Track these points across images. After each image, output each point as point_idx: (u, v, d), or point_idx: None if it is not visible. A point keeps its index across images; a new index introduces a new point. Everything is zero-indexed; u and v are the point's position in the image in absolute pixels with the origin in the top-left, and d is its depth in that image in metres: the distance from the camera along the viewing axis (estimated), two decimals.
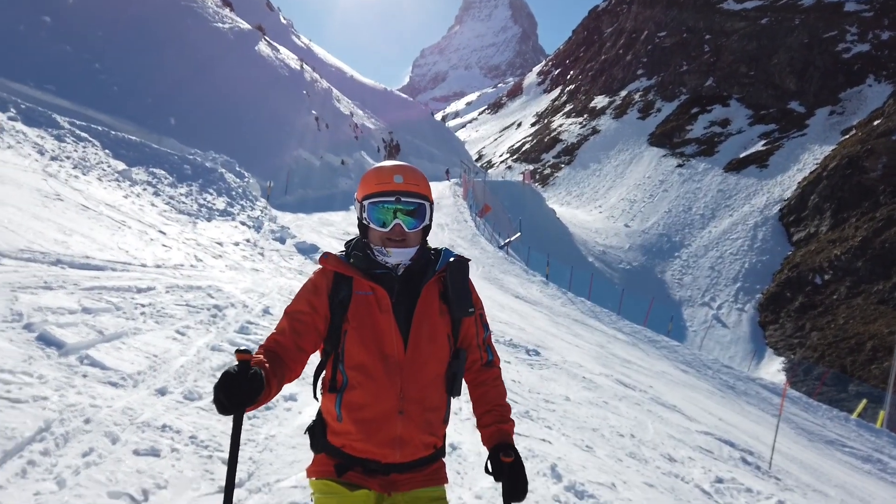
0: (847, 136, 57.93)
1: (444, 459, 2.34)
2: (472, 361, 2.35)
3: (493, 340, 2.45)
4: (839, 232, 46.34)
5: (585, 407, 9.49)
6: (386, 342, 2.11)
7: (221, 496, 3.32)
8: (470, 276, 2.32)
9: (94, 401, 3.93)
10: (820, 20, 72.81)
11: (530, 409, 8.12)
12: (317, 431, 2.21)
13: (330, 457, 2.17)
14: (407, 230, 2.20)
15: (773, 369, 37.48)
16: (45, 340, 4.71)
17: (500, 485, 2.25)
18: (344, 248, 2.36)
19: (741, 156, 65.28)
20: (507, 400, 2.42)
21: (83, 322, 5.38)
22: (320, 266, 2.26)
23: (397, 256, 2.21)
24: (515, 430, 7.33)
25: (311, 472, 2.21)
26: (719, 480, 7.77)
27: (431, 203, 2.29)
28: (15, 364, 4.04)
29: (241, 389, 1.76)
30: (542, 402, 8.87)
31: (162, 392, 4.58)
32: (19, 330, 4.73)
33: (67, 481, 2.99)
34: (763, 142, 66.31)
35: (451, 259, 2.29)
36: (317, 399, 2.25)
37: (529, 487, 5.55)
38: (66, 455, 3.22)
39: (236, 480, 3.56)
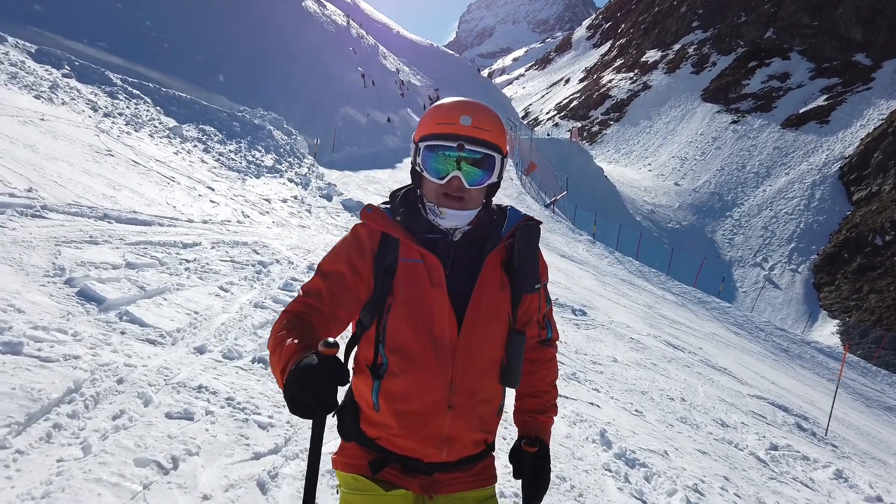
0: None
1: (493, 454, 2.01)
2: (529, 337, 2.00)
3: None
4: None
5: (633, 369, 9.35)
6: (436, 322, 1.75)
7: (256, 463, 3.18)
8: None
9: (129, 360, 3.82)
10: None
11: (577, 370, 7.97)
12: (347, 415, 1.86)
13: (363, 448, 1.85)
14: (467, 185, 1.78)
15: (826, 332, 36.53)
16: (86, 296, 4.64)
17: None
18: (388, 201, 1.97)
19: (800, 111, 62.42)
20: (555, 384, 2.10)
21: (126, 277, 5.32)
22: (362, 221, 1.86)
23: (452, 220, 1.81)
24: (562, 392, 7.10)
25: (338, 463, 1.89)
26: (774, 447, 7.60)
27: (504, 155, 1.85)
28: (51, 320, 3.96)
29: (331, 390, 1.40)
30: (589, 363, 8.73)
31: (201, 350, 4.47)
32: (60, 285, 4.68)
33: (93, 447, 2.84)
34: (825, 96, 63.16)
35: (520, 222, 1.90)
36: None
37: (578, 454, 5.38)
38: (95, 418, 3.09)
39: (272, 446, 3.43)
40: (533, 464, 1.89)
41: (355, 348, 1.90)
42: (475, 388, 1.80)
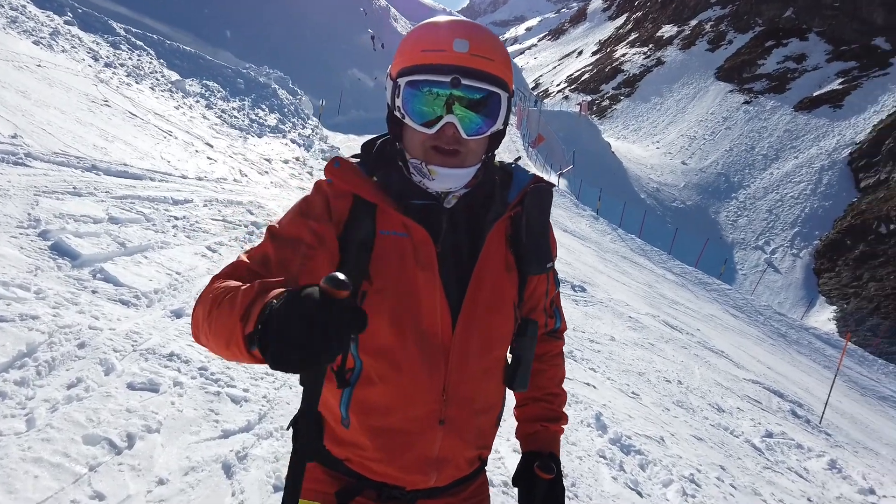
0: None
1: (486, 469, 1.64)
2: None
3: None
4: None
5: (631, 348, 9.22)
6: (425, 315, 1.33)
7: (224, 442, 2.90)
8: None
9: (95, 322, 3.53)
10: None
11: (574, 349, 7.80)
12: (307, 429, 1.35)
13: (328, 472, 1.44)
14: (465, 135, 1.30)
15: (823, 317, 36.45)
16: (59, 250, 4.37)
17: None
18: (360, 153, 1.49)
19: (814, 94, 61.24)
20: (563, 386, 1.70)
21: (106, 232, 5.04)
22: (327, 179, 1.40)
23: (444, 181, 1.34)
24: None
25: None
26: (769, 435, 7.52)
27: (511, 93, 1.37)
28: (15, 275, 3.69)
29: (347, 327, 0.91)
30: (587, 341, 8.57)
31: (178, 314, 4.17)
32: (33, 237, 4.41)
33: (38, 421, 2.54)
34: (840, 80, 61.91)
35: (529, 184, 1.47)
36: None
37: (572, 439, 5.16)
38: (46, 386, 2.79)
39: (244, 423, 3.17)
40: (547, 493, 1.50)
41: None
42: (473, 396, 1.41)
